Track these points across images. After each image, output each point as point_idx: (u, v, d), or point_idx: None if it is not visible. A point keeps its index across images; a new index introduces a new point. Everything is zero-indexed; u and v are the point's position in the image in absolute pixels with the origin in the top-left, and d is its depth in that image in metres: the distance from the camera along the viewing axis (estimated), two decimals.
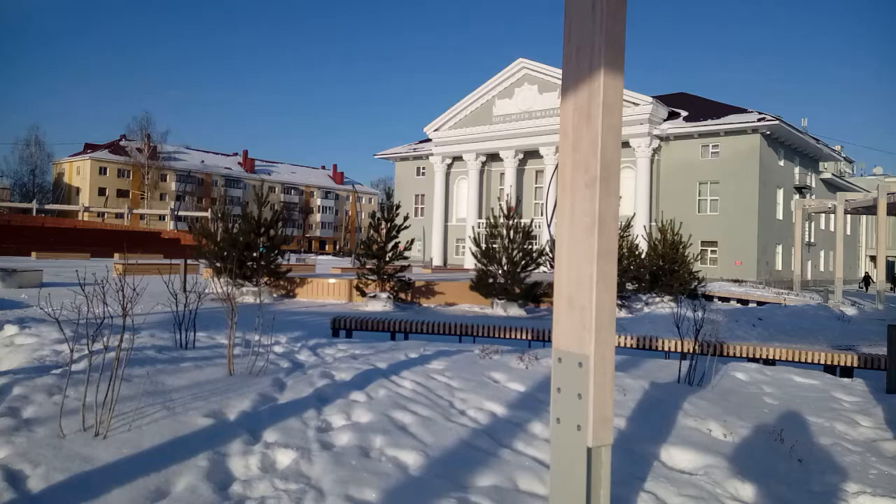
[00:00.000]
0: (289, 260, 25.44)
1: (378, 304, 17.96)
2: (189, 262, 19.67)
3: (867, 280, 40.11)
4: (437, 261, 49.50)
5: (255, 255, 19.16)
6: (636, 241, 23.04)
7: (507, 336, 10.54)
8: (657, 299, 21.45)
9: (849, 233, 50.74)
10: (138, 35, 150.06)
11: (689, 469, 4.22)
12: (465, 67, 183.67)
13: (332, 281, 21.10)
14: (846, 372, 8.53)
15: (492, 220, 19.94)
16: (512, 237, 19.22)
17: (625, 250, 21.37)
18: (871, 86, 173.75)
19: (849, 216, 39.52)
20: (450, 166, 50.91)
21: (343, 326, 10.96)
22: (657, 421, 5.02)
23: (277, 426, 4.60)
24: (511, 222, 19.46)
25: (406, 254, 19.85)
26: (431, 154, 51.15)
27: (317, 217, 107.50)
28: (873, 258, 40.81)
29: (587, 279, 3.21)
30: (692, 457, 4.35)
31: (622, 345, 10.01)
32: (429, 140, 51.56)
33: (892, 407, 6.28)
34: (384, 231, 19.39)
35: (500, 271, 18.98)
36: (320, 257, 67.14)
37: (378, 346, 8.13)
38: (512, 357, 6.93)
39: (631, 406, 5.30)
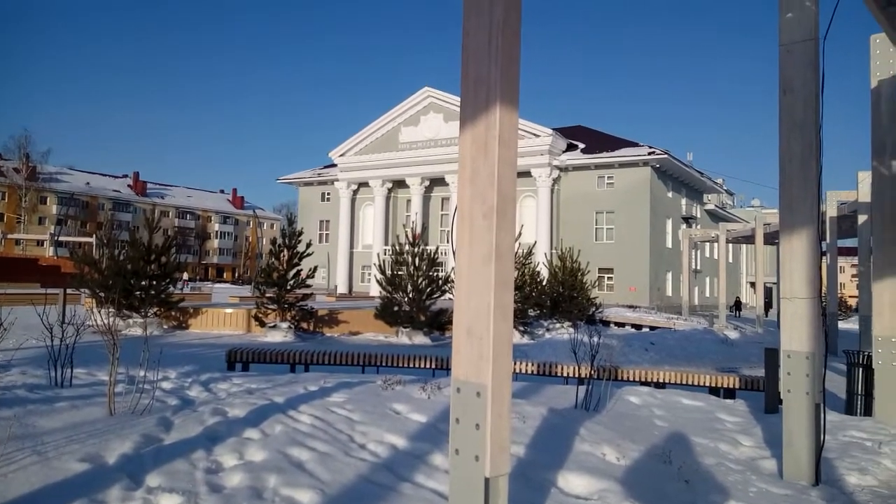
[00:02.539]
0: (182, 289, 24.23)
1: (278, 335, 17.39)
2: (70, 291, 18.27)
3: (738, 305, 43.16)
4: (342, 288, 48.78)
5: (143, 283, 18.09)
6: (538, 269, 23.68)
7: (412, 365, 10.47)
8: (558, 325, 22.07)
9: (731, 260, 54.63)
10: (17, 46, 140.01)
11: (585, 494, 4.30)
12: (372, 93, 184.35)
13: (229, 311, 20.26)
14: (729, 393, 9.07)
15: (397, 248, 19.92)
16: (417, 264, 19.27)
17: (527, 277, 21.91)
18: (750, 125, 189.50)
19: (730, 245, 42.55)
20: (355, 192, 50.61)
21: (239, 359, 10.51)
22: (555, 447, 5.10)
23: (162, 469, 4.29)
24: (417, 249, 19.52)
25: (309, 282, 19.43)
26: (337, 179, 50.69)
27: (214, 243, 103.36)
28: (753, 284, 44.01)
29: (485, 309, 3.23)
30: (587, 482, 4.43)
31: (524, 371, 10.20)
32: (334, 165, 51.11)
33: (770, 426, 6.70)
34: (286, 258, 18.90)
35: (405, 299, 18.93)
36: (218, 285, 64.49)
37: (276, 380, 7.83)
38: (415, 387, 6.86)
39: (530, 433, 5.36)
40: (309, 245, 19.52)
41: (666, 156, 39.79)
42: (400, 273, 19.44)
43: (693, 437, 6.14)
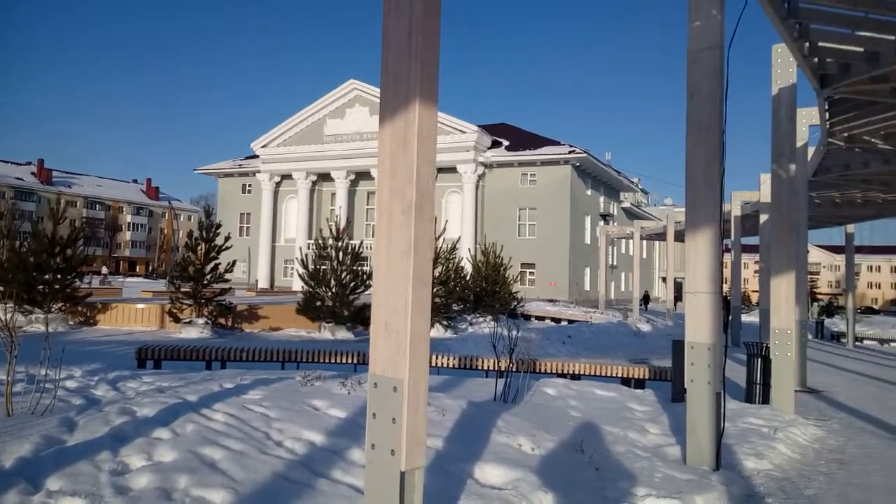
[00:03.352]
0: (90, 283, 23.00)
1: (194, 331, 16.80)
2: None
3: (646, 298, 45.09)
4: (263, 283, 47.58)
5: (46, 277, 17.05)
6: (462, 264, 23.90)
7: (334, 361, 10.37)
8: (480, 319, 22.38)
9: (645, 257, 56.92)
10: None
11: (500, 484, 4.40)
12: (297, 85, 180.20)
13: (140, 306, 19.39)
14: (639, 384, 9.49)
15: (321, 242, 19.63)
16: (341, 259, 19.05)
17: (451, 272, 22.07)
18: (665, 126, 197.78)
19: (644, 241, 44.33)
20: (278, 185, 49.45)
21: (151, 356, 10.09)
22: (473, 439, 5.19)
23: (64, 472, 4.09)
24: (341, 243, 19.30)
25: (228, 276, 18.84)
26: (259, 171, 49.34)
27: (127, 236, 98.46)
28: (664, 279, 46.07)
29: (403, 304, 3.25)
30: (503, 472, 4.55)
31: (445, 365, 10.29)
32: (256, 157, 49.71)
33: (676, 415, 7.06)
34: (203, 251, 18.26)
35: (328, 294, 18.69)
36: (130, 279, 61.54)
37: (190, 377, 7.58)
38: (335, 383, 6.81)
39: (449, 426, 5.44)
40: (228, 238, 18.93)
41: (585, 155, 40.99)
42: (323, 267, 19.17)
43: (605, 427, 6.39)
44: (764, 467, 5.77)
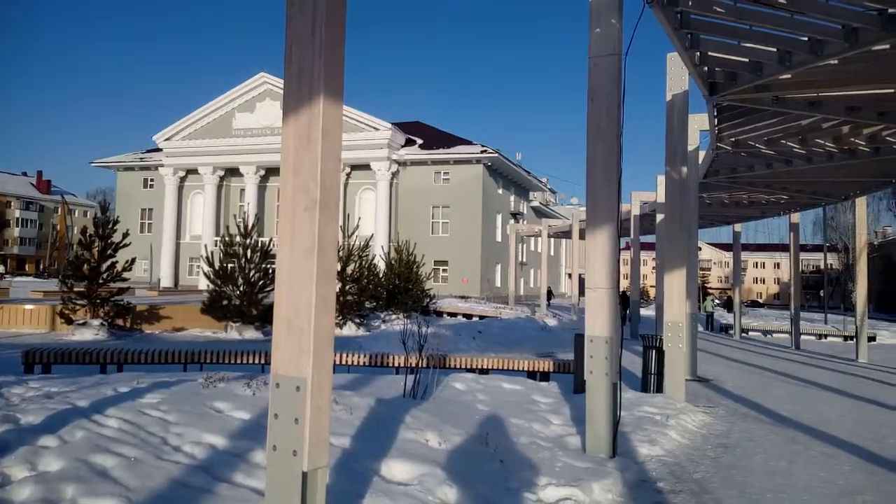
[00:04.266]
0: None
1: (88, 333, 15.84)
2: None
3: (549, 294, 46.58)
4: (166, 282, 45.47)
5: None
6: (375, 261, 23.80)
7: (240, 361, 10.08)
8: (393, 317, 22.35)
9: (552, 254, 58.74)
10: None
11: (406, 480, 4.45)
12: (207, 75, 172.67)
13: (29, 307, 18.08)
14: (544, 376, 9.80)
15: (227, 239, 19.00)
16: (249, 256, 18.52)
17: (364, 270, 21.92)
18: (572, 128, 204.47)
19: (552, 239, 45.74)
20: (183, 179, 47.37)
21: (39, 360, 9.44)
22: (380, 436, 5.20)
23: None
24: (249, 241, 18.75)
25: (126, 275, 17.89)
26: (162, 165, 47.08)
27: (15, 232, 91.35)
28: (570, 275, 47.71)
29: (306, 302, 3.22)
30: (409, 468, 4.59)
31: (356, 363, 10.24)
32: (159, 150, 47.39)
33: (578, 405, 7.35)
34: (98, 249, 17.23)
35: (236, 292, 18.12)
36: (19, 278, 57.17)
37: (82, 382, 7.15)
38: (239, 384, 6.62)
39: (356, 424, 5.42)
40: (126, 234, 17.95)
41: (497, 155, 41.78)
42: (231, 265, 18.56)
43: (510, 419, 6.57)
44: (656, 453, 6.12)
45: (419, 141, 43.87)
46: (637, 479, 5.30)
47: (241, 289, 18.05)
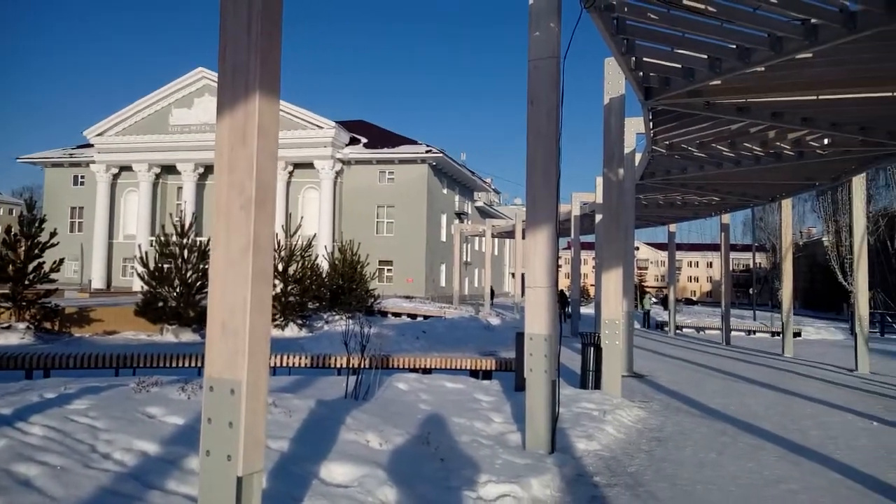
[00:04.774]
0: None
1: (13, 337, 15.07)
2: None
3: (492, 293, 47.06)
4: (98, 283, 43.68)
5: None
6: (318, 261, 23.51)
7: (175, 365, 9.80)
8: (337, 317, 22.14)
9: (496, 254, 59.34)
10: None
11: (346, 482, 4.41)
12: (143, 69, 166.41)
13: None
14: (487, 375, 9.90)
15: (163, 239, 18.42)
16: (186, 257, 18.02)
17: (307, 270, 21.63)
18: (514, 129, 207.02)
19: (496, 239, 46.21)
20: (116, 177, 45.60)
21: None
22: (320, 439, 5.14)
23: None
24: (186, 241, 18.24)
25: (54, 276, 17.11)
26: (94, 162, 45.20)
27: None
28: (513, 275, 48.29)
29: (241, 303, 3.16)
30: (349, 469, 4.55)
31: (298, 365, 10.10)
32: (90, 145, 45.47)
33: (518, 403, 7.45)
34: (24, 249, 16.42)
35: (172, 294, 17.58)
36: None
37: (5, 388, 6.79)
38: (173, 388, 6.43)
39: (296, 427, 5.34)
40: (54, 234, 17.18)
41: (442, 155, 41.91)
42: (168, 266, 18.01)
43: (452, 418, 6.61)
44: (593, 448, 6.27)
45: (363, 140, 43.56)
46: (574, 473, 5.42)
47: (178, 290, 17.54)
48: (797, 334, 22.29)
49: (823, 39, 6.62)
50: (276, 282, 19.84)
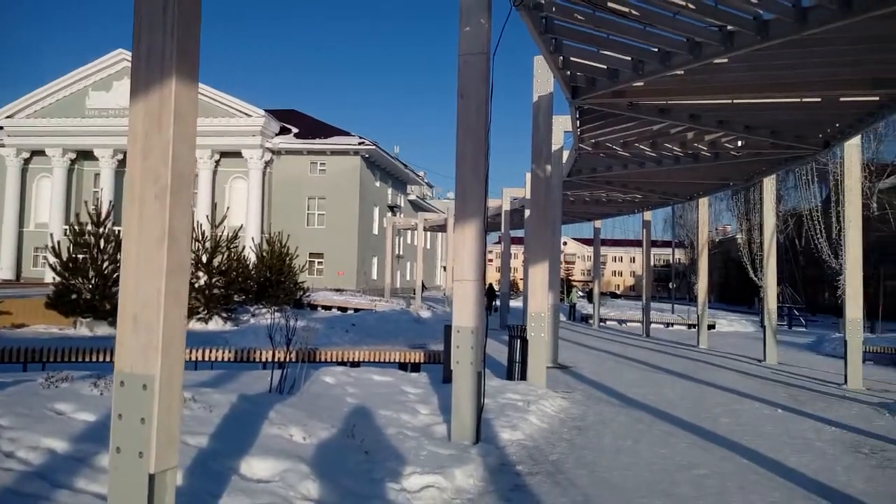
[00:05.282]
0: None
1: None
2: None
3: (423, 287, 47.28)
4: (6, 274, 41.12)
5: None
6: (245, 253, 22.92)
7: (89, 359, 9.34)
8: (264, 310, 21.65)
9: (429, 247, 59.50)
10: None
11: (268, 477, 4.34)
12: (59, 49, 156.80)
13: None
14: (415, 367, 9.92)
15: (78, 228, 17.51)
16: (103, 247, 17.20)
17: (233, 262, 21.05)
18: (448, 123, 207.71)
19: (428, 233, 46.33)
20: (28, 161, 42.98)
21: None
22: (241, 434, 5.03)
23: None
24: (103, 230, 17.40)
25: None
26: (3, 145, 42.41)
27: None
28: (445, 268, 48.58)
29: (155, 295, 3.06)
30: (271, 464, 4.48)
31: (221, 359, 9.82)
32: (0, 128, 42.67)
33: (446, 395, 7.48)
34: None
35: (87, 286, 16.75)
36: None
37: None
38: (85, 384, 6.13)
39: (216, 422, 5.20)
40: None
41: (375, 147, 41.60)
42: (83, 256, 17.14)
43: (379, 411, 6.60)
44: (517, 438, 6.41)
45: (295, 130, 42.70)
46: (498, 463, 5.52)
47: (93, 282, 16.73)
48: (712, 327, 23.42)
49: (738, 45, 6.96)
50: (200, 274, 19.22)
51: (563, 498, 4.75)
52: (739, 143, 11.91)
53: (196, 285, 18.76)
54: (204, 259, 19.38)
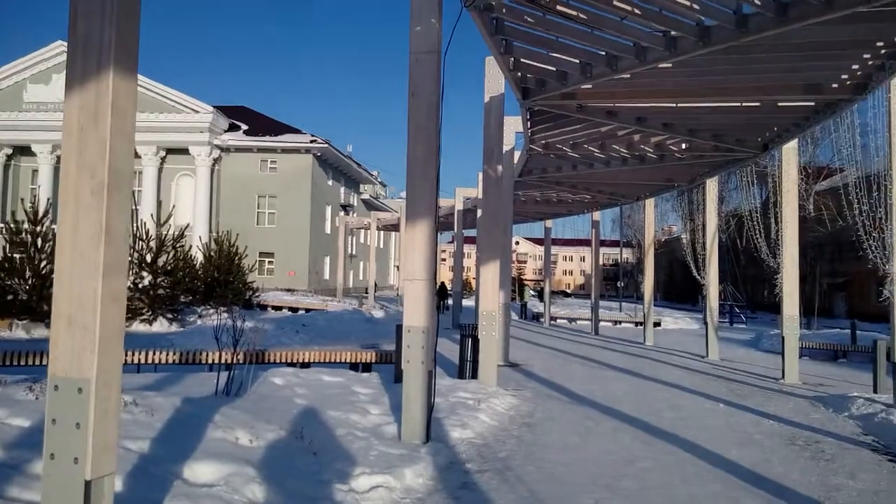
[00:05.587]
0: None
1: None
2: None
3: (376, 286, 47.02)
4: None
5: None
6: (192, 252, 22.35)
7: (26, 363, 8.98)
8: (212, 311, 21.14)
9: (382, 247, 59.20)
10: None
11: (212, 481, 4.24)
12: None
13: None
14: (367, 367, 9.86)
15: (14, 226, 16.78)
16: (40, 245, 16.52)
17: (179, 261, 20.50)
18: (402, 123, 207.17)
19: (381, 232, 46.12)
20: None
21: None
22: (185, 438, 4.91)
23: None
24: (40, 228, 16.71)
25: None
26: None
27: None
28: (398, 268, 48.49)
29: (91, 296, 2.97)
30: (216, 468, 4.38)
31: (165, 361, 9.56)
32: None
33: (397, 394, 7.46)
34: None
35: (24, 286, 16.07)
36: None
37: None
38: (19, 388, 5.89)
39: (158, 426, 5.06)
40: None
41: (327, 145, 41.11)
42: (19, 256, 16.44)
43: (328, 412, 6.53)
44: (467, 436, 6.44)
45: (244, 127, 41.80)
46: (448, 461, 5.54)
47: (30, 282, 16.06)
48: (657, 324, 24.03)
49: (682, 50, 7.16)
50: (145, 274, 18.66)
51: (511, 494, 4.80)
52: (684, 146, 12.25)
53: (140, 286, 18.20)
54: (148, 258, 18.81)
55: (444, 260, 68.46)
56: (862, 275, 29.06)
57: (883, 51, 7.36)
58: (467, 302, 28.64)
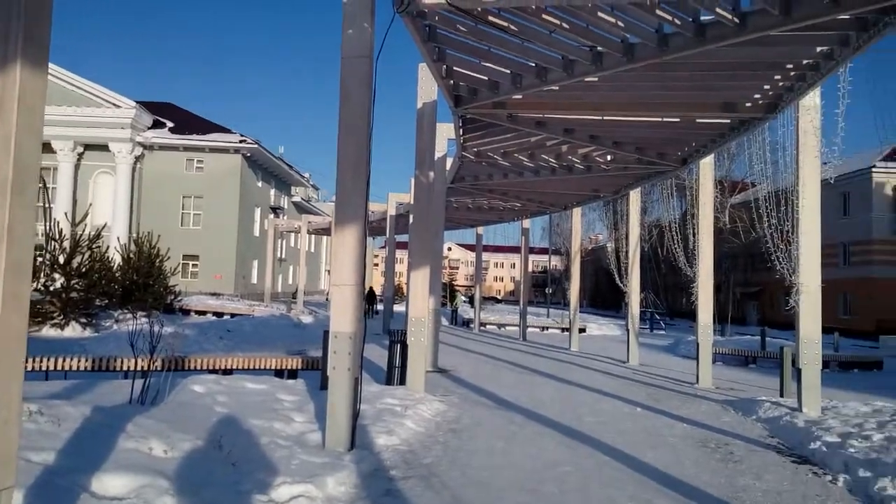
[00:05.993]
0: None
1: None
2: None
3: (305, 291, 46.33)
4: None
5: None
6: (109, 254, 21.31)
7: None
8: (129, 316, 20.23)
9: (312, 251, 58.31)
10: None
11: (122, 494, 4.06)
12: None
13: None
14: (292, 374, 9.67)
15: None
16: None
17: (94, 263, 19.50)
18: (333, 126, 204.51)
19: (312, 236, 45.40)
20: None
21: None
22: (94, 448, 4.67)
23: None
24: None
25: None
26: None
27: None
28: (329, 272, 47.80)
29: None
30: (127, 480, 4.19)
31: (77, 368, 9.08)
32: None
33: (323, 401, 7.33)
34: None
35: None
36: None
37: None
38: None
39: (65, 437, 4.80)
40: None
41: (257, 146, 40.16)
42: None
43: (250, 420, 6.37)
44: (393, 443, 6.41)
45: (170, 124, 40.29)
46: (372, 469, 5.50)
47: None
48: (583, 330, 24.67)
49: (607, 66, 7.42)
50: (57, 276, 17.66)
51: (436, 500, 4.81)
52: (609, 158, 12.67)
53: (52, 288, 17.22)
54: (61, 260, 17.81)
55: (376, 265, 67.99)
56: (772, 285, 30.79)
57: (792, 73, 7.85)
58: (399, 307, 28.57)
